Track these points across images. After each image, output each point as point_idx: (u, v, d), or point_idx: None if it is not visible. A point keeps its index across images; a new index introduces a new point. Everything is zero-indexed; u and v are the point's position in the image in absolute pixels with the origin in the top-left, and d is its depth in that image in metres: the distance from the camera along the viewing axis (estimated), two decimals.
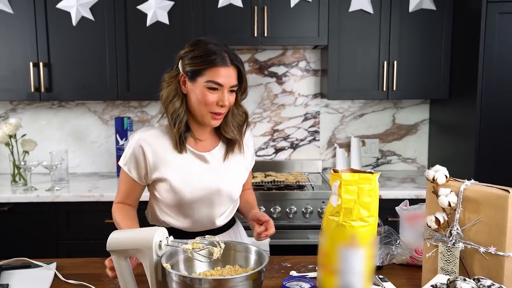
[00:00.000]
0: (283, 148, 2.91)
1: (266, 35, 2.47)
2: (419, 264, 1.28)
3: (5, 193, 2.34)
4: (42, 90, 2.48)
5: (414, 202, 1.40)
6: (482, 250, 1.03)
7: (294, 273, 1.29)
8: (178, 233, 1.38)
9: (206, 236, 1.10)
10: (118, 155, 2.73)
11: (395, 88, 2.53)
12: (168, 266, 1.01)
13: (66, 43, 2.48)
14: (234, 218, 1.57)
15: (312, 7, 2.47)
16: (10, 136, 2.51)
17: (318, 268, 1.06)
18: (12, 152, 2.54)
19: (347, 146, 2.87)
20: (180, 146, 1.36)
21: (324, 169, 2.89)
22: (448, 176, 1.12)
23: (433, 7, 2.47)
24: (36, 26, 2.45)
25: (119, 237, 1.07)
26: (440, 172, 1.11)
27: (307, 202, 2.34)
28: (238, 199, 1.53)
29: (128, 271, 1.08)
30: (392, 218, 2.05)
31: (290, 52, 2.84)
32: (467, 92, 2.34)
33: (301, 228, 2.34)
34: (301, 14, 2.47)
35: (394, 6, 2.48)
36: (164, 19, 2.45)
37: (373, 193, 0.98)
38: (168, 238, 1.09)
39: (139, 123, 2.86)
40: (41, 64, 2.46)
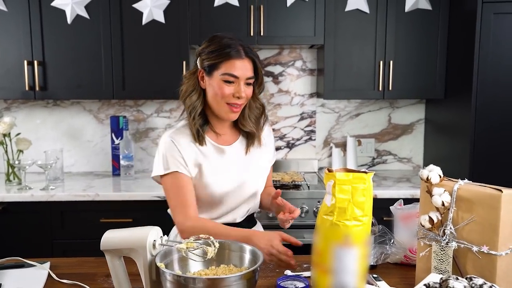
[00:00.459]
0: (279, 148, 2.90)
1: (262, 34, 2.47)
2: (413, 263, 1.28)
3: None
4: (37, 88, 2.47)
5: (409, 201, 1.41)
6: (475, 249, 1.04)
7: (288, 272, 1.29)
8: None
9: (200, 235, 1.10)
10: (113, 154, 2.73)
11: (391, 88, 2.53)
12: (162, 265, 1.01)
13: (61, 42, 2.47)
14: (255, 219, 1.58)
15: (309, 6, 2.47)
16: (4, 135, 2.50)
17: (312, 267, 1.06)
18: (6, 151, 2.53)
19: (343, 146, 2.87)
20: (199, 138, 1.38)
21: (320, 168, 2.89)
22: (442, 175, 1.12)
23: (429, 7, 2.48)
24: (31, 24, 2.44)
25: (113, 236, 1.07)
26: (434, 172, 1.12)
27: (302, 201, 2.34)
28: (259, 198, 1.53)
29: (122, 271, 1.08)
30: (388, 217, 2.05)
31: (286, 52, 2.84)
32: (463, 92, 2.35)
33: (296, 227, 2.32)
34: (297, 13, 2.47)
35: (390, 6, 2.48)
36: (160, 18, 2.44)
37: (367, 192, 0.98)
38: (162, 237, 1.09)
39: (135, 122, 2.85)
40: (35, 62, 2.45)
